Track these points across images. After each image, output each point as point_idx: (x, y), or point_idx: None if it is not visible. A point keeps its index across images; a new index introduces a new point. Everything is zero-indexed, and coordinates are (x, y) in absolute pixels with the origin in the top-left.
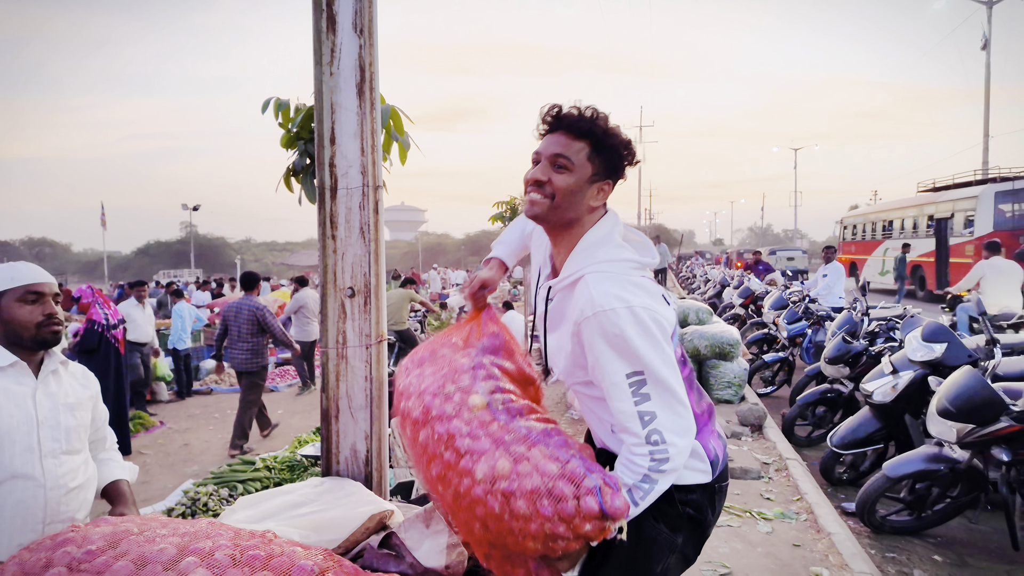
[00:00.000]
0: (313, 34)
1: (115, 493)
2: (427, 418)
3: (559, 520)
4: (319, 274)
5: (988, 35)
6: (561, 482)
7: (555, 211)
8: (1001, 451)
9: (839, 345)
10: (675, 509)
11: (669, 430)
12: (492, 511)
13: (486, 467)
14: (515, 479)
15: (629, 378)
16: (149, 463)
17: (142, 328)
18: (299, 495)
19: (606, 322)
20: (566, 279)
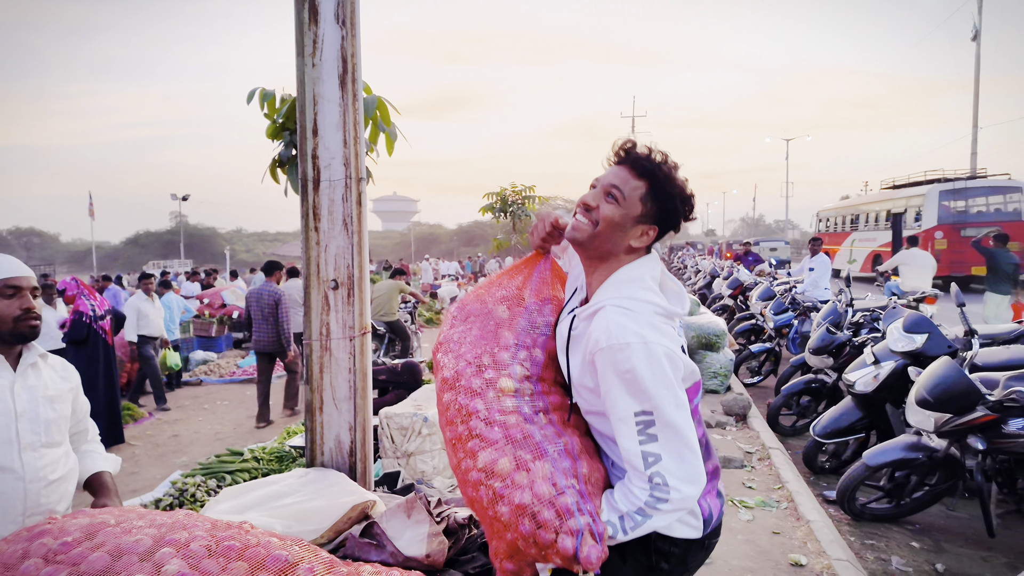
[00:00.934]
0: (295, 25)
1: (98, 485)
2: (455, 384)
3: (533, 543)
4: (302, 266)
5: (979, 26)
6: (548, 510)
7: (594, 239)
8: (977, 440)
9: (823, 336)
10: (648, 559)
11: (673, 475)
12: (480, 498)
13: (488, 458)
14: (509, 486)
15: (637, 416)
16: (138, 454)
17: (153, 322)
18: (283, 485)
19: (619, 356)
20: (588, 308)
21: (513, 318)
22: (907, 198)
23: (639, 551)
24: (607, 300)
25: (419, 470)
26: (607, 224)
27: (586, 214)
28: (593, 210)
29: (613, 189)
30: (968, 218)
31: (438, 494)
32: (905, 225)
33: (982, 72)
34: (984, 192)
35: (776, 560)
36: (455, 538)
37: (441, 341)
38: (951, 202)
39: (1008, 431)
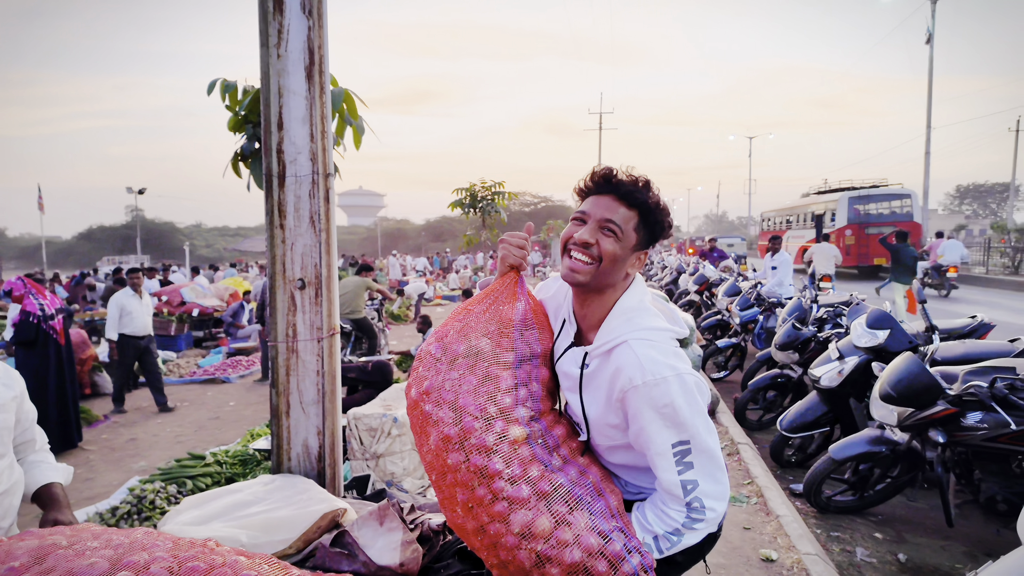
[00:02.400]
0: (259, 14)
1: (47, 497)
2: (464, 442)
3: None
4: (267, 265)
5: (932, 30)
6: (600, 563)
7: (598, 277)
8: (937, 433)
9: (789, 331)
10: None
11: (709, 496)
12: (520, 562)
13: (524, 520)
14: (554, 546)
15: (675, 447)
16: (93, 459)
17: (139, 319)
18: (248, 494)
19: (656, 392)
20: (605, 344)
21: (502, 353)
22: (826, 202)
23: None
24: (626, 334)
25: (389, 471)
26: (609, 259)
27: (586, 251)
28: (592, 246)
29: (610, 224)
30: (871, 219)
31: (411, 499)
32: (824, 224)
33: (935, 74)
34: (883, 198)
35: (747, 556)
36: (429, 545)
37: (426, 390)
38: (858, 206)
39: (967, 424)
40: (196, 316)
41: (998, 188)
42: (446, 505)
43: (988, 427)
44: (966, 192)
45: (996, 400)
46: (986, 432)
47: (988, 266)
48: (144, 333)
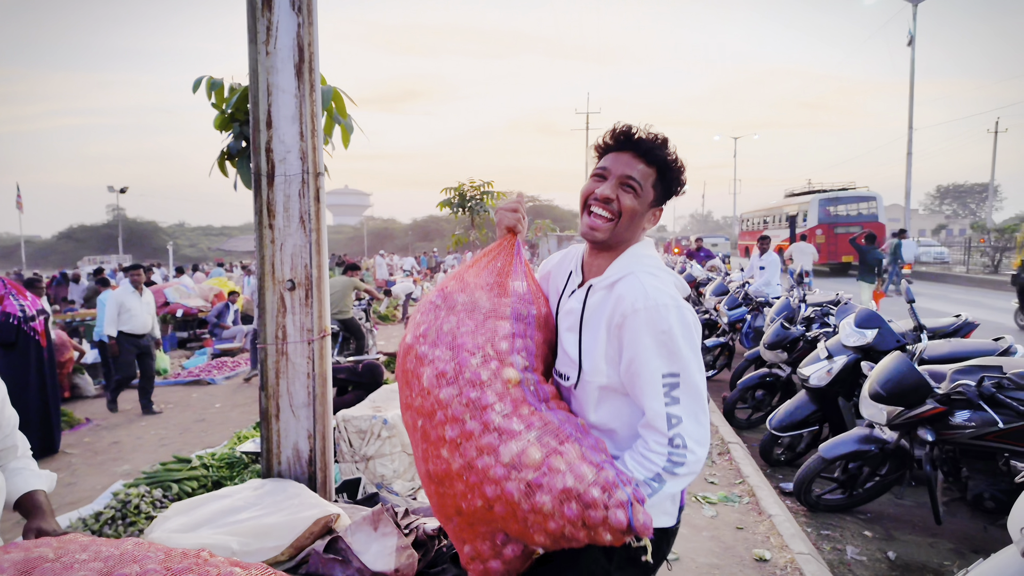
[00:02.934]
0: (247, 10)
1: (30, 505)
2: (458, 377)
3: (581, 526)
4: (256, 266)
5: (913, 32)
6: (594, 489)
7: (616, 232)
8: (926, 431)
9: (777, 331)
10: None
11: (691, 437)
12: (508, 496)
13: (514, 450)
14: (545, 473)
15: (665, 378)
16: (75, 463)
17: (138, 318)
18: (238, 499)
19: (656, 317)
20: (611, 277)
21: (500, 307)
22: (799, 204)
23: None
24: (634, 268)
25: (379, 474)
26: (628, 215)
27: (606, 207)
28: (613, 202)
29: (630, 180)
30: (840, 219)
31: (404, 503)
32: (798, 224)
33: (917, 76)
34: (851, 200)
35: (741, 556)
36: (424, 550)
37: (423, 333)
38: (828, 207)
39: (955, 423)
40: (180, 317)
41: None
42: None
43: (976, 425)
44: (946, 192)
45: (984, 399)
46: (974, 430)
47: (968, 265)
48: (144, 332)
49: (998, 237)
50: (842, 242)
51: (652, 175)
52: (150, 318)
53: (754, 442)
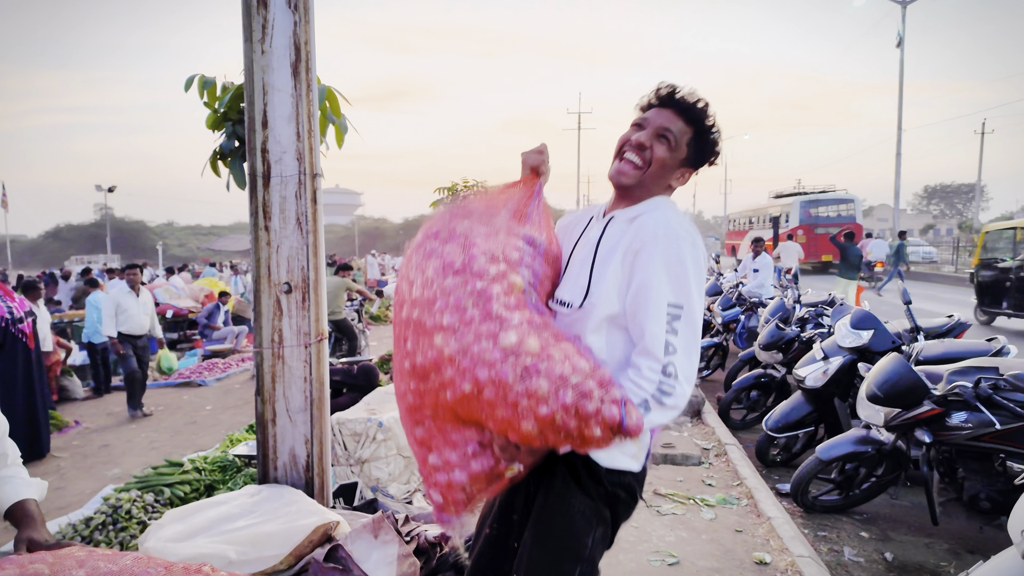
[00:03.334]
0: (243, 9)
1: (21, 515)
2: (466, 269)
3: (574, 415)
4: (251, 268)
5: (902, 34)
6: (591, 381)
7: (643, 181)
8: (923, 433)
9: (773, 332)
10: (604, 488)
11: (682, 371)
12: (502, 378)
13: (513, 338)
14: (544, 360)
15: (670, 308)
16: (64, 467)
17: (135, 318)
18: (234, 506)
19: (672, 248)
20: (630, 212)
21: (515, 228)
22: (782, 206)
23: (595, 485)
24: (658, 206)
25: (374, 477)
26: (659, 165)
27: (639, 153)
28: (647, 150)
29: (667, 132)
30: (820, 220)
31: (404, 510)
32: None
33: (905, 77)
34: (830, 202)
35: (741, 559)
36: (426, 558)
37: (437, 230)
38: (809, 209)
39: (952, 424)
40: (170, 318)
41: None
42: (420, 345)
43: (973, 426)
44: (933, 192)
45: (980, 400)
46: (971, 431)
47: (957, 265)
48: (141, 332)
49: None
50: (822, 242)
51: (689, 133)
52: (148, 319)
53: (749, 443)
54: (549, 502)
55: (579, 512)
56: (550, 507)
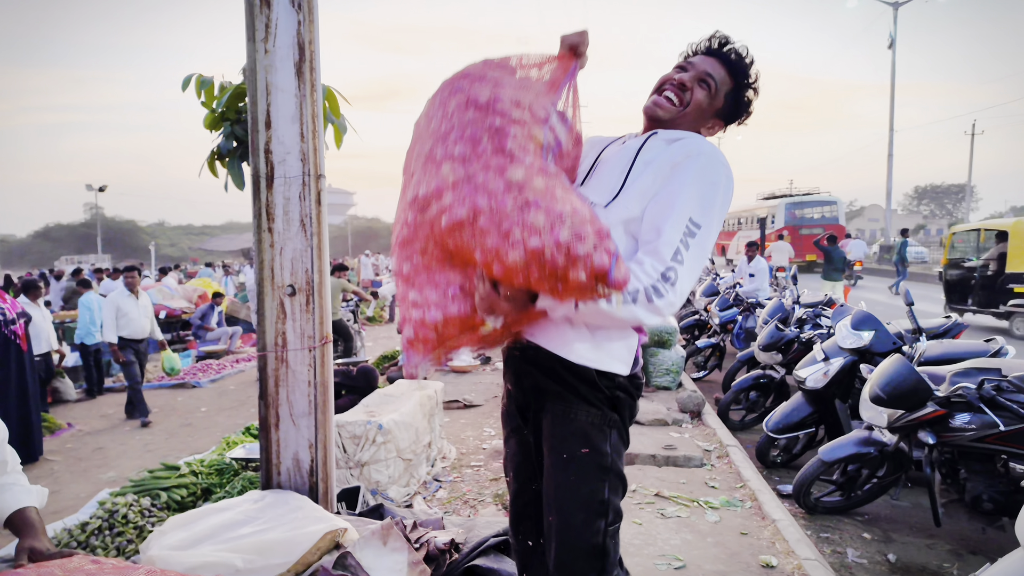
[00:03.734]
0: (245, 7)
1: (21, 523)
2: (490, 107)
3: (564, 253)
4: (255, 270)
5: (894, 35)
6: (588, 226)
7: (677, 119)
8: (927, 434)
9: (772, 332)
10: (603, 392)
11: (679, 282)
12: (500, 207)
13: (520, 174)
14: (546, 198)
15: (690, 222)
16: (57, 470)
17: (136, 322)
18: (238, 512)
19: (713, 170)
20: (676, 134)
21: (548, 94)
22: (768, 207)
23: (592, 392)
24: (697, 136)
25: (373, 480)
26: (695, 108)
27: (679, 92)
28: (687, 91)
29: (708, 78)
30: (804, 222)
31: (411, 516)
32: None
33: (897, 78)
34: (814, 204)
35: (747, 562)
36: (435, 565)
37: (468, 73)
38: (794, 211)
39: (955, 425)
40: (163, 318)
41: (954, 189)
42: (426, 175)
43: (976, 428)
44: (924, 193)
45: (984, 401)
46: (974, 433)
47: None
48: (142, 336)
49: None
50: (807, 243)
51: (729, 85)
52: (148, 321)
53: (748, 443)
54: (556, 426)
55: (588, 423)
56: (559, 429)
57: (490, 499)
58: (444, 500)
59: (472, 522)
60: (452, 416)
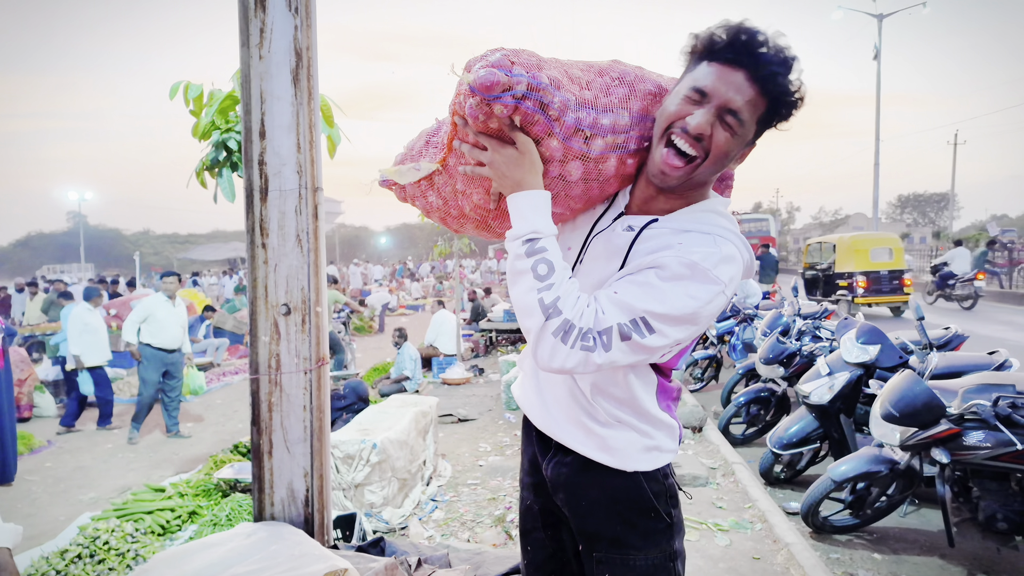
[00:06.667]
0: (239, 11)
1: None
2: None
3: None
4: (247, 288)
5: (879, 46)
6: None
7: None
8: (941, 452)
9: (774, 346)
10: (661, 515)
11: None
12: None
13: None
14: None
15: (642, 316)
16: (35, 491)
17: (169, 330)
18: (230, 548)
19: (699, 287)
20: (683, 224)
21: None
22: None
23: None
24: (709, 224)
25: (367, 502)
26: (717, 159)
27: (694, 144)
28: (705, 140)
29: (731, 116)
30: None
31: (411, 543)
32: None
33: (883, 88)
34: (751, 220)
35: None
36: None
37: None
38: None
39: (968, 443)
40: None
41: (936, 198)
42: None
43: (991, 446)
44: (907, 201)
45: (999, 419)
46: (988, 451)
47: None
48: (174, 346)
49: None
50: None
51: (762, 108)
52: (181, 331)
53: (750, 458)
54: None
55: (650, 567)
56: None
57: (489, 521)
58: (441, 521)
59: (480, 556)
60: (446, 431)
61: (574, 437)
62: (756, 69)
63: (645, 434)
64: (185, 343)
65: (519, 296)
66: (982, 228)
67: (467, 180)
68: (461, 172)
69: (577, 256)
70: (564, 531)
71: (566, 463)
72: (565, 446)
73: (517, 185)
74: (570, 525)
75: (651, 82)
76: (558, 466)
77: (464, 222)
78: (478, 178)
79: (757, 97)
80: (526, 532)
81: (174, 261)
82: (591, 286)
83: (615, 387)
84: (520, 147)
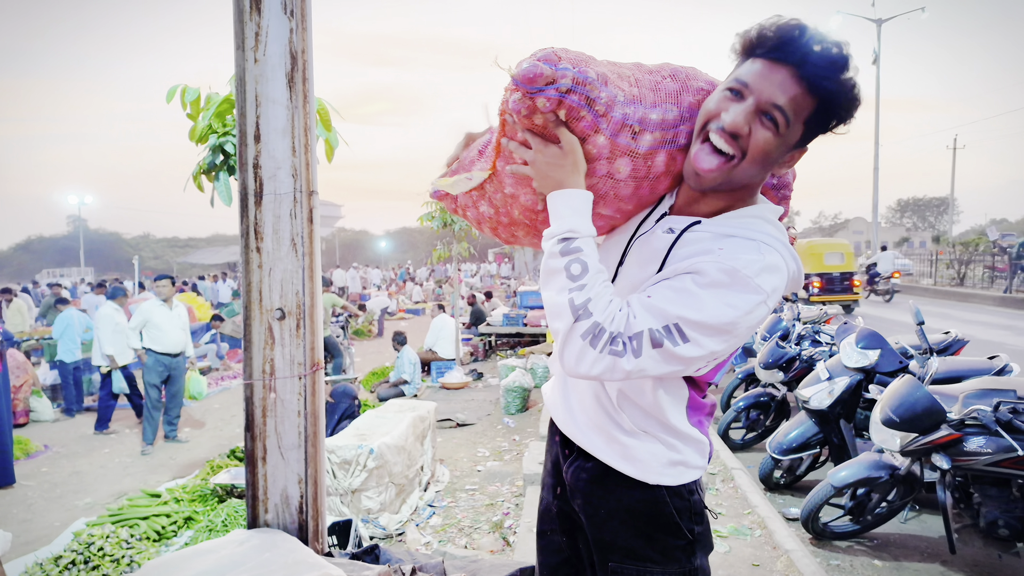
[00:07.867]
0: (234, 14)
1: None
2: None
3: None
4: (241, 292)
5: (878, 51)
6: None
7: (730, 177)
8: (942, 458)
9: (774, 351)
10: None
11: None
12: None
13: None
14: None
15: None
16: (31, 497)
17: (169, 335)
18: (223, 556)
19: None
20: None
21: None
22: None
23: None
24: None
25: (364, 508)
26: (754, 158)
27: (731, 141)
28: (743, 138)
29: (774, 110)
30: None
31: (407, 550)
32: None
33: (882, 93)
34: None
35: None
36: None
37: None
38: None
39: (969, 449)
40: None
41: (935, 202)
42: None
43: (992, 452)
44: (906, 206)
45: (1000, 425)
46: (989, 457)
47: (935, 278)
48: (177, 351)
49: (963, 250)
50: None
51: (810, 108)
52: (183, 334)
53: (749, 463)
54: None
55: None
56: None
57: (486, 527)
58: (438, 527)
59: (476, 563)
60: (444, 436)
61: (596, 443)
62: (803, 66)
63: (671, 447)
64: (188, 346)
65: (550, 297)
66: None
67: (515, 181)
68: (509, 172)
69: (619, 260)
70: (581, 538)
71: (586, 469)
72: (586, 451)
73: (558, 185)
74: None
75: (703, 79)
76: (578, 471)
77: (515, 229)
78: (525, 177)
79: (803, 95)
80: (542, 533)
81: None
82: (627, 290)
83: (642, 397)
84: (564, 146)
